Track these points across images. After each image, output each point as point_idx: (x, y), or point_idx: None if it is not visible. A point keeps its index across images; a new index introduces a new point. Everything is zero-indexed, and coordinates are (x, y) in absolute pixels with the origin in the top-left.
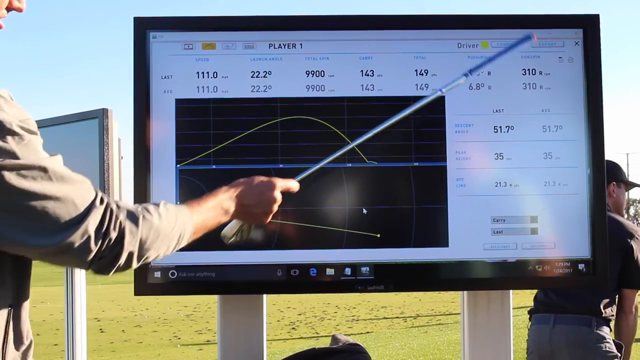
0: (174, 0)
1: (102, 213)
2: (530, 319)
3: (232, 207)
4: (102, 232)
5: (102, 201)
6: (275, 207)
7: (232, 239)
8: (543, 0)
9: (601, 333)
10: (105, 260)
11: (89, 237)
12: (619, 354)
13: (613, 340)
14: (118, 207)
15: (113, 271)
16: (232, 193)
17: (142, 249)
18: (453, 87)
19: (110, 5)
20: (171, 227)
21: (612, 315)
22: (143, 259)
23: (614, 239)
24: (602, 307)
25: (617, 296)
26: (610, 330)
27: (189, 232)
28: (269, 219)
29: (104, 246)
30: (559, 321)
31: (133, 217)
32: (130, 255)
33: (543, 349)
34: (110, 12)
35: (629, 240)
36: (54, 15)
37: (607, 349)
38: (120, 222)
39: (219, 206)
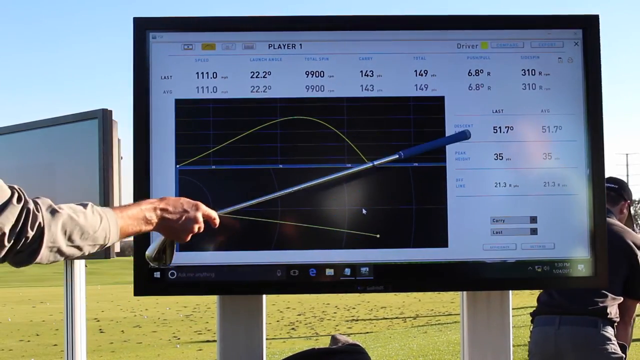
0: (174, 0)
1: (19, 212)
2: (532, 321)
3: (154, 218)
4: (17, 230)
5: (19, 199)
6: (196, 228)
7: (156, 262)
8: (543, 0)
9: (606, 334)
10: (22, 255)
11: (3, 235)
12: (624, 355)
13: (617, 341)
14: (38, 205)
15: (33, 263)
16: (156, 204)
17: (63, 245)
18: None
19: (110, 5)
20: (95, 227)
21: (617, 318)
22: (65, 255)
23: (618, 243)
24: (607, 308)
25: (621, 300)
26: (614, 332)
27: (114, 235)
28: (188, 238)
29: (20, 244)
30: (564, 322)
31: (55, 216)
32: (51, 250)
33: (547, 350)
34: (110, 13)
35: (634, 247)
36: (54, 17)
37: (613, 350)
38: (40, 222)
39: (141, 215)
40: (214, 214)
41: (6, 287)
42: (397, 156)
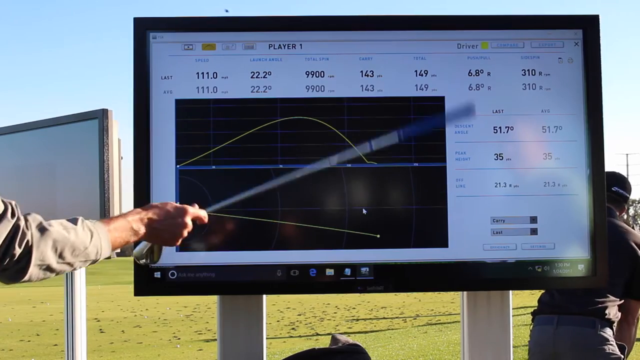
0: (174, 1)
1: (9, 228)
2: (533, 320)
3: (142, 228)
4: (3, 247)
5: (13, 215)
6: (185, 233)
7: (144, 260)
8: (543, 0)
9: (605, 335)
10: (9, 272)
11: None
12: (622, 356)
13: (616, 342)
14: (28, 222)
15: (22, 281)
16: (143, 215)
17: (53, 263)
18: None
19: (110, 5)
20: (86, 244)
21: (616, 318)
22: (56, 272)
23: (622, 244)
24: (605, 309)
25: (622, 302)
26: (613, 333)
27: (106, 250)
28: (178, 242)
29: (6, 261)
30: (562, 322)
31: (45, 233)
32: (40, 267)
33: (546, 350)
34: (110, 13)
35: (637, 249)
36: (54, 17)
37: (611, 351)
38: (28, 239)
39: (129, 226)
40: (202, 213)
41: (6, 287)
42: None
